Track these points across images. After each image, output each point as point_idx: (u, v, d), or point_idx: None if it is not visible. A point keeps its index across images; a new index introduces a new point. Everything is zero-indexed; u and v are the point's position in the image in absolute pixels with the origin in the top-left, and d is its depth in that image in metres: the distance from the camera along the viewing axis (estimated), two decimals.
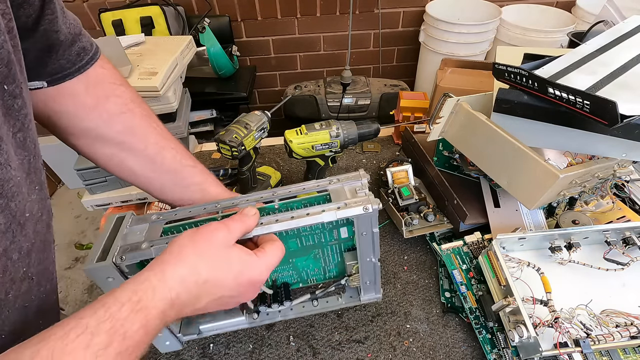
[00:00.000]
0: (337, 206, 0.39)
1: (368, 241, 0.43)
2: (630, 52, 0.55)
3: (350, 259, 0.47)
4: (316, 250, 0.47)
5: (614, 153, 0.52)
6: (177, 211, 0.44)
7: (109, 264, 0.37)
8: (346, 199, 0.41)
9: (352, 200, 0.40)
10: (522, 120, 0.55)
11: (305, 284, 0.51)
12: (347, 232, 0.44)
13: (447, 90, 0.64)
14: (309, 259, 0.48)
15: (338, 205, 0.39)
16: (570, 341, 0.46)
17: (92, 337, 0.26)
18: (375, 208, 0.39)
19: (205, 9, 1.79)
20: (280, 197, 0.43)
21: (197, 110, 1.72)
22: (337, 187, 0.43)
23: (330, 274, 0.50)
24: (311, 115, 1.82)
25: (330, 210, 0.39)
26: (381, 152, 0.90)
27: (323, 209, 0.39)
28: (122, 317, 0.28)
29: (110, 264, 0.37)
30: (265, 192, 0.44)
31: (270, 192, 0.44)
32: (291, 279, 0.50)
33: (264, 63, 2.11)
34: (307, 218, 0.39)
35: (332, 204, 0.40)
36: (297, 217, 0.39)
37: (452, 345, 0.55)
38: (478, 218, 0.63)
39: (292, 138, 0.63)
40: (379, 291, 0.50)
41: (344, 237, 0.45)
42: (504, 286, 0.50)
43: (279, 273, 0.49)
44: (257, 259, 0.36)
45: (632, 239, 0.53)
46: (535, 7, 1.90)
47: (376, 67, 2.20)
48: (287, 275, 0.49)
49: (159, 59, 0.86)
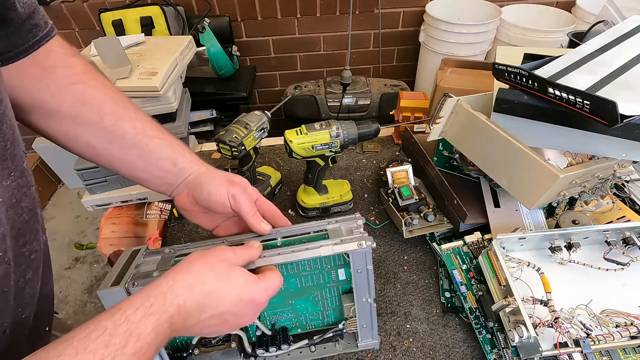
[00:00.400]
0: (333, 242, 0.43)
1: (363, 279, 0.45)
2: (630, 52, 0.55)
3: (347, 301, 0.49)
4: (315, 292, 0.49)
5: (614, 153, 0.52)
6: (189, 246, 0.47)
7: (121, 289, 0.40)
8: (342, 236, 0.44)
9: (347, 238, 0.44)
10: (522, 120, 0.55)
11: (304, 329, 0.52)
12: (344, 274, 0.47)
13: (447, 90, 0.64)
14: (307, 302, 0.50)
15: (335, 241, 0.43)
16: (570, 341, 0.46)
17: (110, 337, 0.28)
18: (369, 244, 0.42)
19: (205, 9, 1.79)
20: (283, 236, 0.47)
21: (197, 110, 1.72)
22: (335, 227, 0.47)
23: (329, 320, 0.52)
24: (311, 115, 1.82)
25: (327, 246, 0.42)
26: (381, 152, 0.90)
27: (321, 244, 0.43)
28: (136, 320, 0.30)
29: (122, 289, 0.40)
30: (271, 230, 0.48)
31: (274, 231, 0.48)
32: (290, 323, 0.51)
33: (264, 63, 2.11)
34: (306, 252, 0.42)
35: (329, 240, 0.43)
36: (297, 251, 0.43)
37: (452, 345, 0.55)
38: (478, 218, 0.63)
39: (292, 138, 0.63)
40: (376, 337, 0.51)
41: (342, 279, 0.47)
42: (504, 286, 0.50)
43: (278, 315, 0.50)
44: (259, 280, 0.38)
45: (632, 239, 0.53)
46: (535, 7, 1.90)
47: (376, 67, 2.20)
48: (286, 318, 0.51)
49: (159, 59, 0.86)
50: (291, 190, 0.81)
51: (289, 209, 0.77)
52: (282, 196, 0.80)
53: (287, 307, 0.50)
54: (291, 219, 0.75)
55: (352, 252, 0.43)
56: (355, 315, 0.49)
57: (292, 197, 0.80)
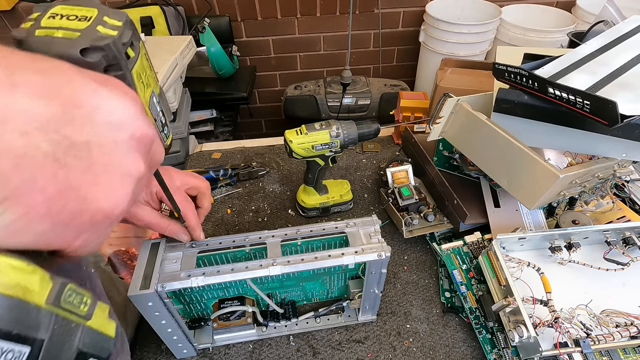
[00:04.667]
0: (354, 250, 0.46)
1: (376, 278, 0.49)
2: (630, 52, 0.55)
3: (354, 287, 0.55)
4: (324, 277, 0.54)
5: (614, 153, 0.52)
6: (209, 241, 0.48)
7: (152, 292, 0.41)
8: (362, 243, 0.47)
9: (367, 247, 0.46)
10: (522, 120, 0.55)
11: (309, 301, 0.60)
12: (354, 265, 0.49)
13: (447, 90, 0.64)
14: (316, 283, 0.55)
15: (355, 249, 0.46)
16: (570, 341, 0.46)
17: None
18: (387, 255, 0.45)
19: (205, 9, 1.79)
20: (302, 236, 0.49)
21: (197, 110, 1.71)
22: (353, 231, 0.49)
23: (332, 295, 0.59)
24: (311, 115, 1.82)
25: (349, 255, 0.45)
26: (381, 152, 0.90)
27: (343, 252, 0.46)
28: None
29: (153, 292, 0.41)
30: (289, 230, 0.50)
31: (294, 229, 0.50)
32: (298, 297, 0.58)
33: (264, 63, 2.11)
34: (329, 260, 0.45)
35: (350, 249, 0.46)
36: (320, 259, 0.45)
37: (452, 345, 0.55)
38: (478, 218, 0.63)
39: (292, 138, 0.63)
40: (375, 313, 0.57)
41: (351, 267, 0.50)
42: (504, 286, 0.50)
43: (287, 293, 0.56)
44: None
45: (632, 239, 0.53)
46: (535, 7, 1.90)
47: (376, 67, 2.19)
48: (295, 294, 0.57)
49: (159, 59, 0.86)
50: (291, 190, 0.81)
51: (289, 209, 0.77)
52: (282, 196, 0.80)
53: (298, 287, 0.55)
54: (291, 219, 0.76)
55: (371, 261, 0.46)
56: (359, 298, 0.54)
57: (292, 197, 0.80)
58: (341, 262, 0.44)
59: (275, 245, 0.48)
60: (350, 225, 0.50)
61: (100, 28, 0.24)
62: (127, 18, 0.26)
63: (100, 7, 0.25)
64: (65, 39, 0.23)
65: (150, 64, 0.31)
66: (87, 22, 0.23)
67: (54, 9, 0.24)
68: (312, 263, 0.44)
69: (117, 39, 0.24)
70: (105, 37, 0.23)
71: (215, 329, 0.52)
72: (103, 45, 0.23)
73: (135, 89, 0.27)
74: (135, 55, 0.27)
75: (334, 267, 0.49)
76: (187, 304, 0.52)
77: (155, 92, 0.31)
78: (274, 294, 0.56)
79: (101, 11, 0.24)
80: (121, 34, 0.24)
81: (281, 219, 0.75)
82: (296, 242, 0.49)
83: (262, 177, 0.84)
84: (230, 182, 0.82)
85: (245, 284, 0.51)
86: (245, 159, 0.89)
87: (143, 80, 0.28)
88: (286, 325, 0.55)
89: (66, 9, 0.24)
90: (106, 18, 0.24)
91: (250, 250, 0.49)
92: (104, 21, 0.24)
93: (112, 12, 0.25)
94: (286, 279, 0.52)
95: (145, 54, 0.29)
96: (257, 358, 0.54)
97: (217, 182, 0.81)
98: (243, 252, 0.49)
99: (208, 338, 0.55)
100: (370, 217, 0.50)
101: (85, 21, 0.24)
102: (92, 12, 0.24)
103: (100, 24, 0.24)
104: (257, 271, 0.44)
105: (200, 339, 0.55)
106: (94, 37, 0.23)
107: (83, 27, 0.23)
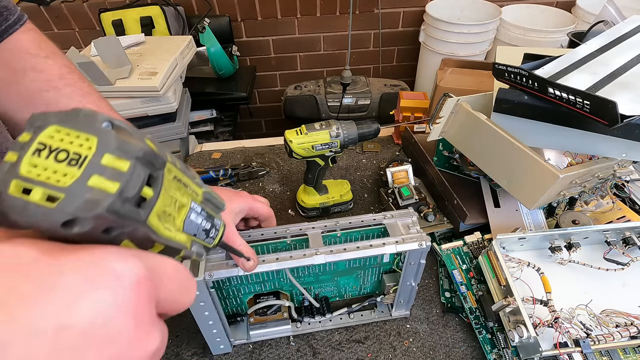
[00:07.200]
0: (395, 240, 0.46)
1: (414, 269, 0.50)
2: (630, 52, 0.55)
3: (389, 281, 0.55)
4: (359, 272, 0.55)
5: (614, 153, 0.52)
6: (251, 232, 0.49)
7: (200, 280, 0.41)
8: (401, 234, 0.47)
9: (407, 236, 0.47)
10: (522, 120, 0.55)
11: (342, 297, 0.60)
12: (388, 257, 0.50)
13: (447, 90, 0.64)
14: (350, 278, 0.56)
15: (396, 239, 0.46)
16: (570, 341, 0.46)
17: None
18: (428, 244, 0.45)
19: (205, 9, 1.79)
20: (342, 227, 0.50)
21: (197, 110, 1.72)
22: (391, 222, 0.50)
23: (365, 291, 0.59)
24: (311, 115, 1.82)
25: (390, 244, 0.46)
26: (381, 152, 0.90)
27: (384, 242, 0.46)
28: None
29: (201, 280, 0.41)
30: (328, 221, 0.50)
31: (333, 221, 0.50)
32: (331, 293, 0.58)
33: (264, 63, 2.11)
34: (370, 250, 0.45)
35: (391, 239, 0.46)
36: (362, 248, 0.45)
37: (452, 345, 0.55)
38: (478, 218, 0.63)
39: (292, 138, 0.63)
40: (409, 308, 0.57)
41: (386, 261, 0.51)
42: (504, 286, 0.50)
43: (322, 288, 0.56)
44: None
45: (632, 239, 0.53)
46: (535, 7, 1.90)
47: (376, 67, 2.20)
48: (328, 290, 0.57)
49: (159, 59, 0.86)
50: (291, 190, 0.81)
51: (289, 209, 0.77)
52: (282, 196, 0.80)
53: (332, 282, 0.55)
54: (291, 219, 0.76)
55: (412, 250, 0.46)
56: (393, 292, 0.54)
57: (292, 197, 0.80)
58: (383, 251, 0.45)
59: (317, 236, 0.48)
60: (387, 217, 0.50)
61: (94, 181, 0.16)
62: (140, 152, 0.18)
63: (101, 133, 0.17)
64: (42, 208, 0.16)
65: (186, 172, 0.23)
66: (78, 170, 0.16)
67: (46, 132, 0.17)
68: (355, 252, 0.45)
69: (117, 197, 0.17)
70: (97, 200, 0.16)
71: (252, 324, 0.53)
72: (92, 215, 0.16)
73: (157, 230, 0.19)
74: (156, 192, 0.19)
75: (370, 260, 0.50)
76: (222, 299, 0.52)
77: (195, 204, 0.24)
78: (308, 289, 0.56)
79: (102, 142, 0.17)
80: (125, 185, 0.17)
81: (281, 219, 0.75)
82: (335, 233, 0.50)
83: (262, 177, 0.84)
84: (230, 182, 0.82)
85: (282, 278, 0.51)
86: (245, 159, 0.89)
87: (172, 210, 0.21)
88: (320, 321, 0.56)
89: (61, 132, 0.17)
90: (107, 158, 0.17)
91: (291, 242, 0.50)
92: (101, 166, 0.17)
93: (116, 143, 0.17)
94: (322, 272, 0.53)
95: (176, 171, 0.21)
96: (257, 358, 0.54)
97: (217, 182, 0.81)
98: (284, 244, 0.50)
99: (243, 334, 0.54)
100: (408, 210, 0.51)
101: (76, 166, 0.16)
102: (91, 144, 0.17)
103: (96, 171, 0.16)
104: (302, 260, 0.44)
105: (236, 335, 0.54)
106: (81, 201, 0.16)
107: (69, 183, 0.16)
